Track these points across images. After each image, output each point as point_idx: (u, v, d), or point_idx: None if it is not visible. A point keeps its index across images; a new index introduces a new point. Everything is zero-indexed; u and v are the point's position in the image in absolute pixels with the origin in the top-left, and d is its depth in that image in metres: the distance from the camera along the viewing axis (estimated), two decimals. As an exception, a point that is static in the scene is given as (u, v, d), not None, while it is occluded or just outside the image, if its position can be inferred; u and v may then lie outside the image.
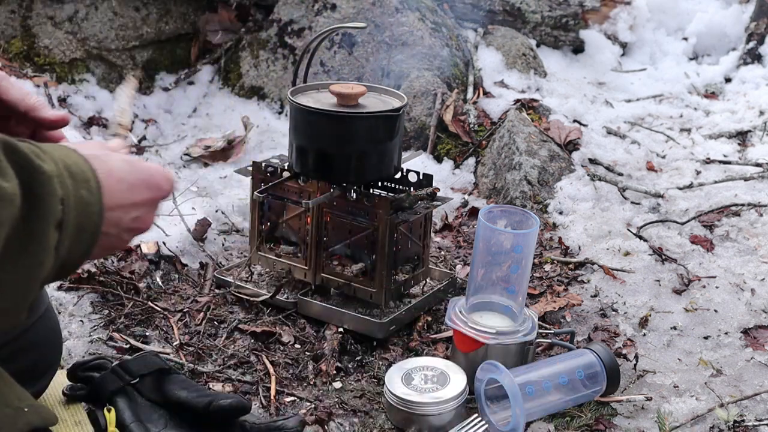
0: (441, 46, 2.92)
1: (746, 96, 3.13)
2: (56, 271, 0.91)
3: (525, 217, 1.65)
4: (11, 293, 0.86)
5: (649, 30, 3.58)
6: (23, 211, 0.85)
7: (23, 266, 0.86)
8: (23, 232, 0.85)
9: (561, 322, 1.86)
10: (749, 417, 1.57)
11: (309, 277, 1.83)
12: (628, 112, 3.00)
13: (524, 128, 2.56)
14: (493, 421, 1.52)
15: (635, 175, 2.55)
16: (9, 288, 0.85)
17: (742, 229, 2.24)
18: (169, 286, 1.93)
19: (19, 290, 0.87)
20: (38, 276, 0.88)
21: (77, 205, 0.91)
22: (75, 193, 0.91)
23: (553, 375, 1.55)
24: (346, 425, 1.53)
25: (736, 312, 1.90)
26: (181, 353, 1.69)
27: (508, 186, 2.40)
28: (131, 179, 1.00)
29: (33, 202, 0.86)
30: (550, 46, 3.38)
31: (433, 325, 1.83)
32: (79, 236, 0.93)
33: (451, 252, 2.18)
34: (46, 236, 0.87)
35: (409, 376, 1.55)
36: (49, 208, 0.87)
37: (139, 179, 1.01)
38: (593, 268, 2.06)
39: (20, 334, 1.25)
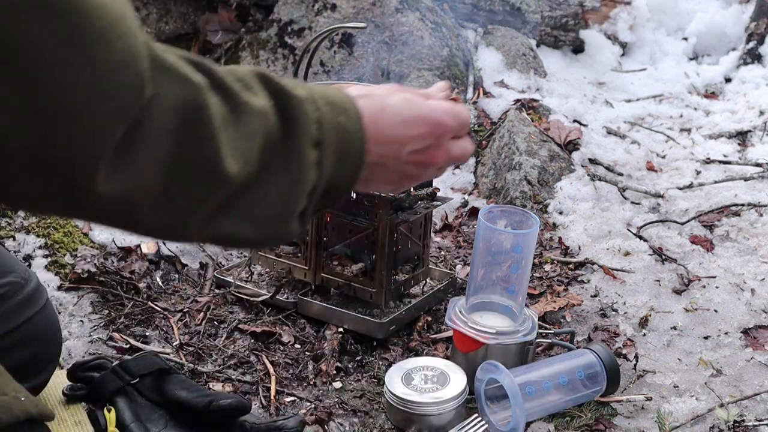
0: (441, 46, 2.92)
1: (746, 96, 3.13)
2: (324, 189, 0.99)
3: (525, 217, 1.65)
4: (278, 203, 0.94)
5: (649, 30, 3.58)
6: (280, 131, 0.92)
7: (286, 179, 0.94)
8: (282, 148, 0.92)
9: (561, 322, 1.86)
10: (749, 417, 1.57)
11: (309, 277, 1.83)
12: (628, 112, 3.00)
13: (524, 128, 2.56)
14: (493, 421, 1.52)
15: (635, 175, 2.55)
16: (276, 198, 0.94)
17: (742, 229, 2.24)
18: (169, 286, 1.93)
19: (285, 200, 0.95)
20: (303, 188, 0.96)
21: (335, 129, 0.98)
22: (332, 119, 0.98)
23: (553, 375, 1.55)
24: (346, 425, 1.54)
25: (736, 312, 1.90)
26: (181, 353, 1.69)
27: (508, 186, 2.40)
28: (407, 114, 1.06)
29: (288, 122, 0.93)
30: (550, 46, 3.38)
31: (433, 325, 1.83)
32: (341, 160, 1.00)
33: (451, 252, 2.18)
34: (305, 153, 0.94)
35: (409, 376, 1.55)
36: (303, 127, 0.94)
37: (416, 114, 1.07)
38: (593, 268, 2.06)
39: (17, 326, 1.25)
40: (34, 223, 1.95)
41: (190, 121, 0.83)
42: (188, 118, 0.82)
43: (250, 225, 0.93)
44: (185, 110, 0.82)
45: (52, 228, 1.95)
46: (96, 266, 1.87)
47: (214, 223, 0.90)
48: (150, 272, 1.95)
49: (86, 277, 1.84)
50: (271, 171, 0.92)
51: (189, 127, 0.82)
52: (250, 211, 0.93)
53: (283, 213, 0.96)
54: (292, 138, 0.94)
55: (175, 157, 0.82)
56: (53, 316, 1.35)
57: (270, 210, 0.94)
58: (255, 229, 0.94)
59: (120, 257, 1.95)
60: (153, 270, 1.96)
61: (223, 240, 0.94)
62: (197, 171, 0.85)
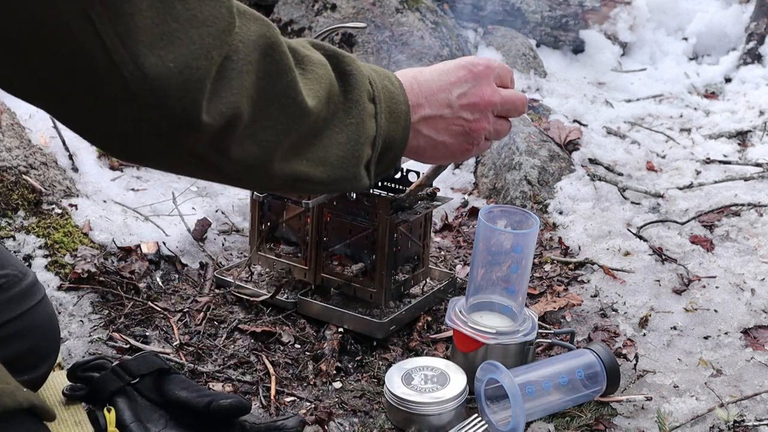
0: (441, 46, 2.92)
1: (746, 96, 3.13)
2: (383, 144, 1.10)
3: (525, 217, 1.65)
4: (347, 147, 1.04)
5: (649, 30, 3.58)
6: (340, 84, 1.03)
7: (352, 125, 1.04)
8: (344, 100, 1.03)
9: (561, 322, 1.86)
10: (749, 417, 1.57)
11: (309, 277, 1.83)
12: (628, 112, 3.00)
13: (524, 128, 2.56)
14: (493, 421, 1.52)
15: (635, 175, 2.56)
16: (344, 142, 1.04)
17: (742, 229, 2.24)
18: (169, 286, 1.93)
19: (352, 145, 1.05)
20: (366, 135, 1.06)
21: (384, 90, 1.10)
22: (380, 81, 1.10)
23: (553, 375, 1.55)
24: (346, 425, 1.54)
25: (736, 312, 1.90)
26: (181, 353, 1.69)
27: (508, 186, 2.40)
28: (443, 68, 1.22)
29: (345, 77, 1.04)
30: (550, 46, 3.38)
31: (433, 325, 1.83)
32: (393, 118, 1.11)
33: (451, 252, 2.18)
34: (363, 104, 1.05)
35: (409, 376, 1.55)
36: (359, 82, 1.05)
37: (451, 65, 1.22)
38: (593, 268, 2.06)
39: (14, 318, 1.26)
40: (34, 223, 1.95)
41: (269, 54, 0.91)
42: (267, 52, 0.90)
43: (323, 167, 1.02)
44: (265, 45, 0.90)
45: (52, 228, 1.95)
46: (96, 266, 1.87)
47: (292, 162, 0.99)
48: (150, 272, 1.95)
49: (86, 277, 1.84)
50: (338, 118, 1.02)
51: (269, 59, 0.91)
52: (324, 152, 1.01)
53: (351, 157, 1.05)
54: (350, 91, 1.03)
55: (260, 86, 0.90)
56: (51, 312, 1.35)
57: (340, 152, 1.03)
58: (327, 171, 1.03)
59: (120, 257, 1.95)
60: (153, 270, 1.96)
61: (300, 179, 1.01)
62: (280, 100, 0.93)
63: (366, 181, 1.11)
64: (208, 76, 0.83)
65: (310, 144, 1.00)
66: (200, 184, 2.39)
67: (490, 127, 1.28)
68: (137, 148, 0.88)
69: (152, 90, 0.79)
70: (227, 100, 0.86)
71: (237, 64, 0.86)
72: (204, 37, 0.82)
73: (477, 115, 1.24)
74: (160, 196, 2.26)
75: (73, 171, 2.22)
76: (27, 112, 2.31)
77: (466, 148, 1.28)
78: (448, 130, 1.22)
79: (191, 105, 0.82)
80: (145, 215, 2.14)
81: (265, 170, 0.97)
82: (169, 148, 0.87)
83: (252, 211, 1.89)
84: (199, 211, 2.20)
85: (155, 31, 0.78)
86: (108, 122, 0.83)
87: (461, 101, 1.21)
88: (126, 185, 2.30)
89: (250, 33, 0.89)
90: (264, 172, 0.98)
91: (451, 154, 1.27)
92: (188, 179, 2.40)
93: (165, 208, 2.21)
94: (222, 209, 2.26)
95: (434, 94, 1.19)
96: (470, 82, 1.22)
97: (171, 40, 0.79)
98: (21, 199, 1.99)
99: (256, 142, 0.93)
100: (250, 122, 0.90)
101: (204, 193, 2.34)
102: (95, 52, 0.76)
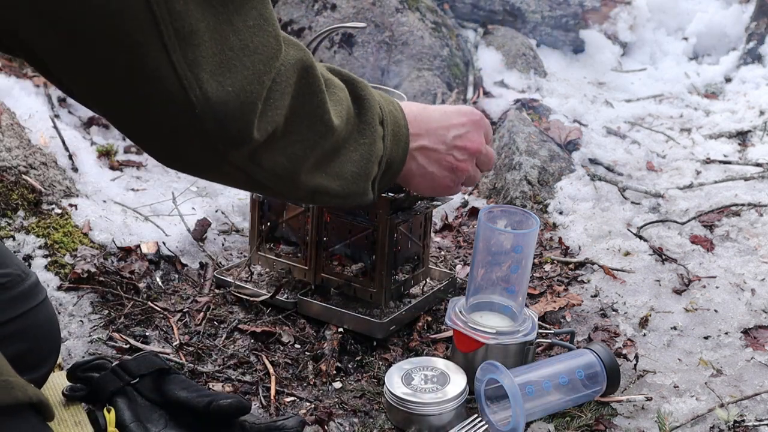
0: (441, 46, 2.92)
1: (746, 96, 3.13)
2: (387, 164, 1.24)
3: (525, 217, 1.65)
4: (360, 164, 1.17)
5: (649, 30, 3.58)
6: (354, 107, 1.15)
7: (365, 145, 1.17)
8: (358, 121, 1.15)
9: (561, 322, 1.86)
10: (749, 417, 1.57)
11: (309, 277, 1.83)
12: (628, 112, 3.00)
13: (524, 128, 2.56)
14: (493, 421, 1.52)
15: (635, 175, 2.55)
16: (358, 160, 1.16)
17: (742, 229, 2.24)
18: (169, 286, 1.93)
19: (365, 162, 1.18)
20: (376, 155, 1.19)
21: (390, 114, 1.24)
22: (387, 108, 1.23)
23: (553, 375, 1.55)
24: (346, 425, 1.53)
25: (737, 312, 1.89)
26: (181, 353, 1.69)
27: (508, 186, 2.40)
28: (446, 109, 1.40)
29: (359, 101, 1.16)
30: (550, 46, 3.38)
31: (433, 325, 1.83)
32: (396, 140, 1.25)
33: (451, 252, 2.17)
34: (375, 126, 1.18)
35: (409, 376, 1.55)
36: (371, 106, 1.18)
37: (453, 109, 1.40)
38: (593, 268, 2.06)
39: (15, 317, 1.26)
40: (33, 223, 1.95)
41: (304, 77, 1.02)
42: (303, 75, 1.02)
43: (339, 181, 1.15)
44: (302, 69, 1.02)
45: (51, 228, 1.95)
46: (96, 266, 1.87)
47: (315, 175, 1.11)
48: (150, 272, 1.95)
49: (86, 277, 1.84)
50: (353, 138, 1.14)
51: (304, 81, 1.02)
52: (340, 167, 1.14)
53: (363, 173, 1.18)
54: (364, 114, 1.16)
55: (295, 105, 1.01)
56: (52, 313, 1.36)
57: (354, 168, 1.16)
58: (342, 185, 1.15)
59: (120, 257, 1.95)
60: (153, 270, 1.96)
61: (319, 191, 1.14)
62: (310, 118, 1.05)
63: (371, 195, 1.25)
64: (260, 98, 0.94)
65: (330, 160, 1.12)
66: (200, 183, 2.39)
67: (471, 172, 1.48)
68: (189, 160, 0.99)
69: (214, 112, 0.90)
70: (271, 118, 0.97)
71: (280, 86, 0.97)
72: (256, 63, 0.93)
73: (465, 157, 1.43)
74: (160, 196, 2.26)
75: (73, 171, 2.22)
76: (27, 112, 2.31)
77: (448, 185, 1.46)
78: (439, 163, 1.40)
79: (245, 125, 0.93)
80: (145, 215, 2.14)
81: (292, 180, 1.08)
82: (217, 160, 0.97)
83: (252, 211, 1.89)
84: (199, 211, 2.20)
85: (215, 60, 0.89)
86: (167, 136, 0.93)
87: (455, 142, 1.39)
88: (126, 185, 2.30)
89: (290, 57, 0.99)
90: (291, 182, 1.08)
91: (435, 185, 1.45)
92: (188, 179, 2.40)
93: (165, 208, 2.21)
94: (222, 209, 2.26)
95: (434, 130, 1.36)
96: (467, 127, 1.41)
97: (228, 67, 0.90)
98: (21, 199, 1.98)
99: (286, 155, 1.03)
100: (282, 137, 1.00)
101: (204, 193, 2.34)
102: (168, 78, 0.87)
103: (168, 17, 0.85)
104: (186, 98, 0.88)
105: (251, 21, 0.92)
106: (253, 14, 0.92)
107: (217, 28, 0.89)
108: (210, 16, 0.88)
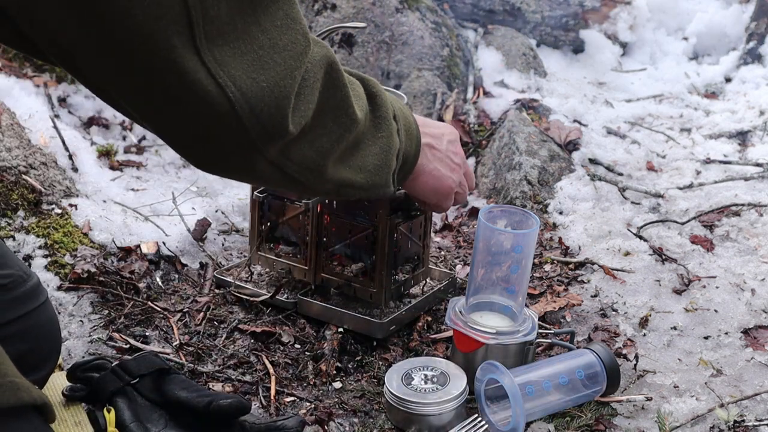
0: (441, 46, 2.92)
1: (746, 96, 3.13)
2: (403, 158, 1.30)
3: (525, 217, 1.65)
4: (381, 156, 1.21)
5: (649, 30, 3.58)
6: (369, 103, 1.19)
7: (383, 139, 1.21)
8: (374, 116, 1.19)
9: (561, 322, 1.86)
10: (749, 417, 1.57)
11: (309, 277, 1.83)
12: (628, 112, 3.00)
13: (524, 128, 2.56)
14: (493, 421, 1.52)
15: (635, 175, 2.55)
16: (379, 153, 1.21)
17: (742, 229, 2.24)
18: (169, 286, 1.93)
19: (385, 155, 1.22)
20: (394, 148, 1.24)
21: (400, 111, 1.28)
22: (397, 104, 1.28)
23: (553, 375, 1.55)
24: (346, 425, 1.53)
25: (736, 312, 1.89)
26: (181, 353, 1.69)
27: (508, 186, 2.40)
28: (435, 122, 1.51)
29: (372, 98, 1.20)
30: (550, 46, 3.38)
31: (433, 325, 1.83)
32: (409, 135, 1.31)
33: (451, 252, 2.17)
34: (389, 121, 1.22)
35: (409, 376, 1.55)
36: (384, 102, 1.22)
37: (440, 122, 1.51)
38: (593, 268, 2.06)
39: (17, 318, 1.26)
40: (33, 223, 1.95)
41: (329, 72, 1.06)
42: (328, 70, 1.06)
43: (363, 173, 1.19)
44: (327, 64, 1.06)
45: (51, 228, 1.95)
46: (96, 266, 1.87)
47: (340, 169, 1.15)
48: (150, 272, 1.95)
49: (86, 277, 1.84)
50: (371, 132, 1.18)
51: (328, 77, 1.06)
52: (363, 161, 1.19)
53: (384, 165, 1.22)
54: (378, 109, 1.20)
55: (321, 99, 1.05)
56: (53, 314, 1.36)
57: (376, 161, 1.20)
58: (366, 177, 1.20)
59: (120, 257, 1.95)
60: (153, 270, 1.96)
61: (345, 184, 1.18)
62: (336, 111, 1.09)
63: (392, 187, 1.30)
64: (293, 92, 0.97)
65: (353, 153, 1.16)
66: (200, 183, 2.39)
67: (463, 181, 1.57)
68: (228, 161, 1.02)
69: (251, 106, 0.93)
70: (303, 112, 1.01)
71: (309, 81, 1.01)
72: (287, 60, 0.96)
73: (459, 161, 1.52)
74: (160, 196, 2.26)
75: (73, 171, 2.22)
76: (27, 112, 2.31)
77: (450, 186, 1.52)
78: (442, 162, 1.47)
79: (281, 118, 0.97)
80: (145, 215, 2.14)
81: (321, 173, 1.12)
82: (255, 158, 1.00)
83: (252, 211, 1.89)
84: (199, 211, 2.20)
85: (247, 58, 0.92)
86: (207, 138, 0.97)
87: (450, 147, 1.48)
88: (126, 185, 2.30)
89: (316, 54, 1.04)
90: (320, 175, 1.12)
91: (440, 185, 1.50)
92: (188, 179, 2.40)
93: (165, 208, 2.21)
94: (222, 209, 2.26)
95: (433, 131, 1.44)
96: (454, 139, 1.52)
97: (261, 64, 0.94)
98: (21, 199, 1.98)
99: (314, 148, 1.08)
100: (310, 130, 1.04)
101: (204, 193, 2.34)
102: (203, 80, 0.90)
103: (202, 21, 0.88)
104: (223, 95, 0.91)
105: (279, 21, 0.96)
106: (280, 14, 0.96)
107: (246, 29, 0.92)
108: (238, 19, 0.91)
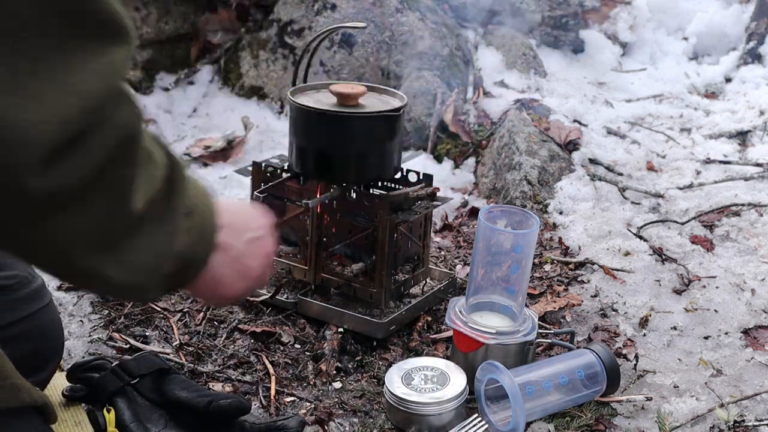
0: (441, 46, 2.92)
1: (746, 96, 3.13)
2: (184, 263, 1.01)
3: (525, 217, 1.65)
4: (152, 254, 0.97)
5: (649, 30, 3.58)
6: (165, 189, 0.96)
7: (162, 234, 0.97)
8: (164, 205, 0.96)
9: (561, 322, 1.86)
10: (749, 417, 1.57)
11: (309, 277, 1.83)
12: (628, 112, 3.00)
13: (524, 128, 2.56)
14: (493, 421, 1.52)
15: (635, 175, 2.55)
16: (150, 249, 0.96)
17: (742, 229, 2.24)
18: (169, 286, 1.93)
19: (157, 254, 0.97)
20: (173, 248, 0.99)
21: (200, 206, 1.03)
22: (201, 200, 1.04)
23: (553, 375, 1.55)
24: (346, 425, 1.53)
25: (736, 312, 1.89)
26: (181, 353, 1.69)
27: (508, 186, 2.40)
28: (246, 210, 1.18)
29: (172, 183, 0.97)
30: (550, 46, 3.38)
31: (433, 325, 1.83)
32: (202, 235, 1.04)
33: (451, 252, 2.17)
34: (180, 216, 0.99)
35: (409, 376, 1.55)
36: (183, 192, 0.99)
37: (253, 211, 1.18)
38: (593, 268, 2.06)
39: (22, 318, 1.27)
40: (33, 223, 1.94)
41: (124, 145, 0.87)
42: (125, 142, 0.87)
43: (124, 268, 0.94)
44: (126, 135, 0.87)
45: (51, 228, 1.95)
46: (96, 266, 1.87)
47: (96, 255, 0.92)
48: (150, 272, 1.94)
49: (86, 277, 1.84)
50: (153, 222, 0.95)
51: (122, 149, 0.87)
52: (129, 254, 0.94)
53: (153, 266, 0.97)
54: (173, 198, 0.97)
55: (101, 170, 0.85)
56: (56, 316, 1.37)
57: (145, 258, 0.95)
58: (127, 273, 0.95)
59: (120, 257, 1.95)
60: (153, 270, 1.96)
61: (93, 275, 0.93)
62: (113, 189, 0.89)
63: (154, 293, 1.06)
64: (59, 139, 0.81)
65: (123, 242, 0.94)
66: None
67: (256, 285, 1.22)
68: None
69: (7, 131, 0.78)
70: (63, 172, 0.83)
71: (91, 140, 0.84)
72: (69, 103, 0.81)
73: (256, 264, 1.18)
74: (160, 196, 2.25)
75: (73, 171, 2.22)
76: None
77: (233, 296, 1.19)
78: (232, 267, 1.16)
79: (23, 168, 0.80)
80: (145, 215, 2.14)
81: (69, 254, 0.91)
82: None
83: (252, 211, 1.89)
84: (199, 211, 2.20)
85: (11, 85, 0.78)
86: None
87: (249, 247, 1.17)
88: (126, 185, 2.30)
89: (121, 117, 0.87)
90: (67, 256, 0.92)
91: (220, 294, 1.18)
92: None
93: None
94: (222, 209, 2.25)
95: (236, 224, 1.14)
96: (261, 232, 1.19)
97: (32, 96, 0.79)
98: (21, 199, 1.98)
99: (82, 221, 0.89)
100: (78, 200, 0.87)
101: (204, 193, 2.34)
102: None
103: None
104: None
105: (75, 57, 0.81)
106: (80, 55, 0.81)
107: None
108: None
